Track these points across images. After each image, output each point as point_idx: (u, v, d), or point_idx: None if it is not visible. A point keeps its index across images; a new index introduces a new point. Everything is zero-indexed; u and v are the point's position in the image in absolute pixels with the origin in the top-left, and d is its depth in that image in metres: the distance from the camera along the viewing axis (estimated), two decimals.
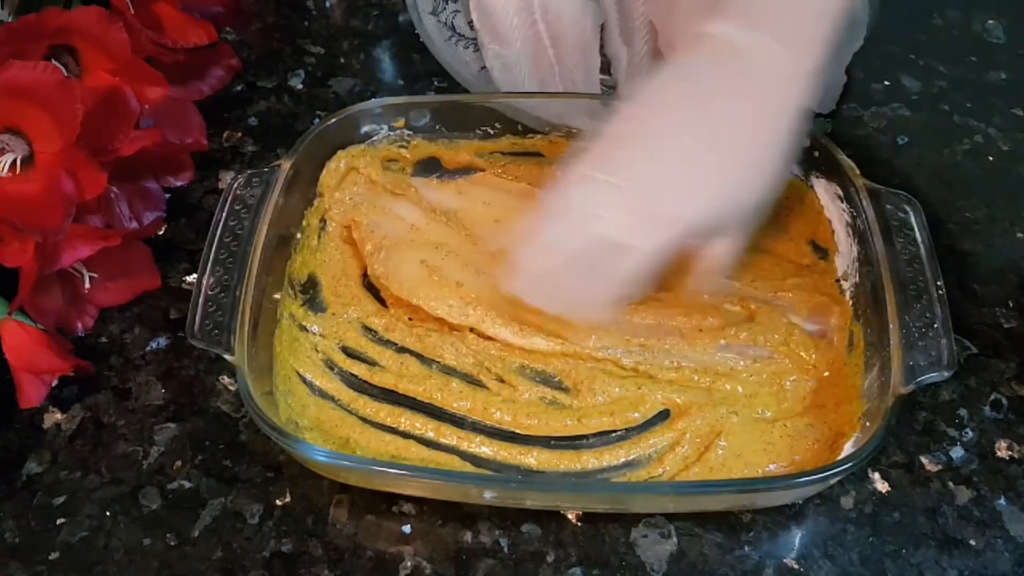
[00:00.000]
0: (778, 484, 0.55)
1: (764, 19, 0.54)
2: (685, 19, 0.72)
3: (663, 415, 0.59)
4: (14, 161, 0.60)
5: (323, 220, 0.67)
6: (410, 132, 0.69)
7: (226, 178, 0.73)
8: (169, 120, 0.69)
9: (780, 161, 0.55)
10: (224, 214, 0.60)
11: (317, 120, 0.75)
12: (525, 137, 0.69)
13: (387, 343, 0.63)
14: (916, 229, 0.59)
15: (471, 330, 0.62)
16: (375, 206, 0.67)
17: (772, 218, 0.67)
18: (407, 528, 0.56)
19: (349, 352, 0.63)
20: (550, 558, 0.55)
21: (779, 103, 0.54)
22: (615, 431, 0.59)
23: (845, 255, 0.62)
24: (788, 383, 0.59)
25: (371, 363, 0.62)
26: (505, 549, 0.55)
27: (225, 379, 0.62)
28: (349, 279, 0.66)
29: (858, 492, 0.57)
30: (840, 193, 0.63)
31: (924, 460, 0.58)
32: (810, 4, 0.54)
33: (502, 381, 0.61)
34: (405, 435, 0.58)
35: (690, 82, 0.55)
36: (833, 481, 0.55)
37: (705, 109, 0.55)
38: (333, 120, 0.66)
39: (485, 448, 0.58)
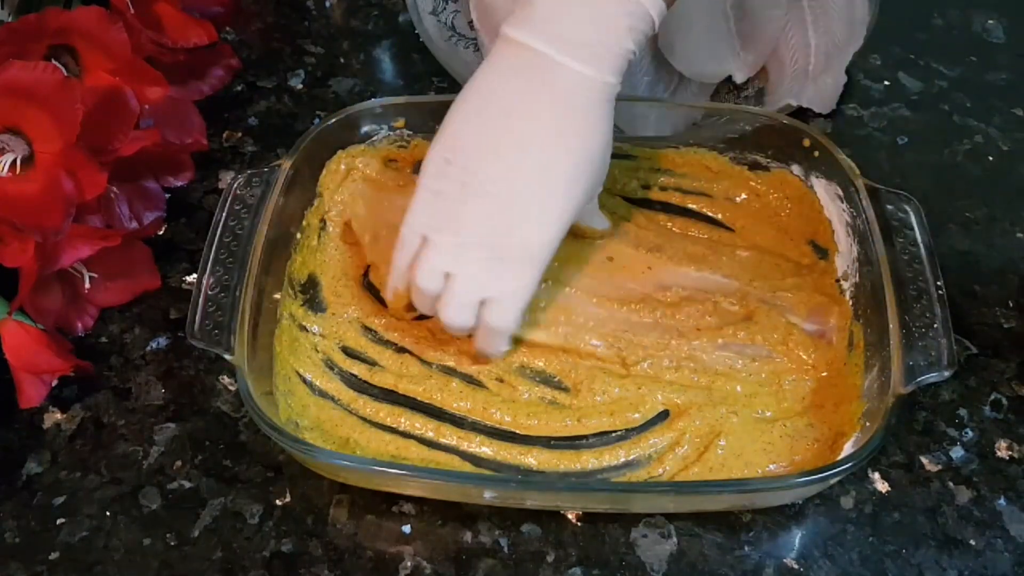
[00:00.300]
0: (778, 484, 0.55)
1: (557, 32, 0.54)
2: (684, 20, 0.72)
3: (663, 415, 0.59)
4: (14, 161, 0.60)
5: (323, 220, 0.67)
6: (410, 132, 0.69)
7: (226, 178, 0.73)
8: (169, 120, 0.69)
9: (596, 160, 0.56)
10: (224, 214, 0.60)
11: (317, 120, 0.75)
12: None
13: (387, 343, 0.63)
14: (916, 229, 0.59)
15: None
16: (374, 199, 0.67)
17: (772, 218, 0.68)
18: (407, 528, 0.56)
19: (349, 352, 0.63)
20: (550, 558, 0.55)
21: (585, 107, 0.55)
22: (615, 431, 0.59)
23: (845, 255, 0.62)
24: (787, 383, 0.59)
25: (371, 363, 0.62)
26: (505, 549, 0.55)
27: (225, 379, 0.62)
28: (349, 279, 0.66)
29: (858, 492, 0.57)
30: (840, 193, 0.63)
31: (924, 460, 0.58)
32: (604, 14, 0.54)
33: (502, 381, 0.61)
34: (405, 435, 0.58)
35: (489, 108, 0.56)
36: (833, 481, 0.55)
37: (512, 142, 0.55)
38: (333, 120, 0.66)
39: (485, 448, 0.58)
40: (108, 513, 0.57)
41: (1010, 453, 0.59)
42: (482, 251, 0.56)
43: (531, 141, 0.55)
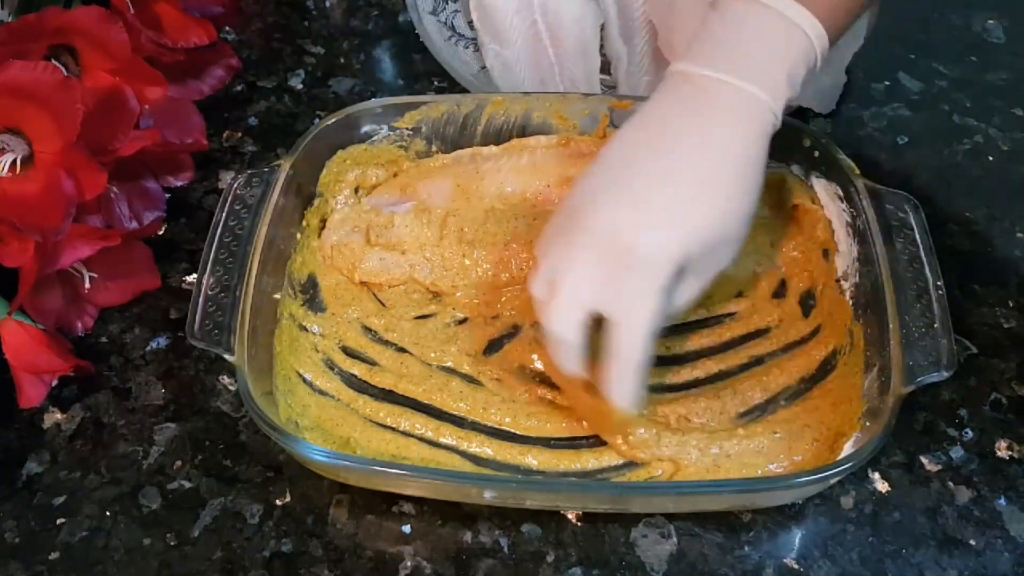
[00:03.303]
0: (778, 484, 0.55)
1: (730, 60, 0.53)
2: (684, 19, 0.72)
3: None
4: (14, 161, 0.60)
5: (323, 220, 0.67)
6: (410, 132, 0.68)
7: (226, 178, 0.73)
8: (169, 120, 0.69)
9: (745, 193, 0.53)
10: (224, 214, 0.60)
11: (317, 120, 0.75)
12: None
13: (387, 343, 0.63)
14: (916, 229, 0.59)
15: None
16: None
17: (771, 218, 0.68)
18: (407, 528, 0.56)
19: (349, 352, 0.63)
20: (550, 558, 0.55)
21: (745, 139, 0.53)
22: None
23: (845, 255, 0.62)
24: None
25: (371, 363, 0.62)
26: (505, 549, 0.55)
27: (225, 379, 0.62)
28: (349, 279, 0.66)
29: (858, 492, 0.57)
30: (840, 193, 0.63)
31: (924, 460, 0.58)
32: (772, 45, 0.53)
33: (501, 381, 0.61)
34: (405, 435, 0.58)
35: (648, 125, 0.54)
36: (833, 481, 0.55)
37: (672, 151, 0.52)
38: (333, 120, 0.66)
39: (485, 448, 0.58)
40: (108, 513, 0.57)
41: (1010, 453, 0.59)
42: (595, 251, 0.51)
43: (696, 145, 0.52)
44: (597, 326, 0.52)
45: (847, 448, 0.54)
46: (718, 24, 0.54)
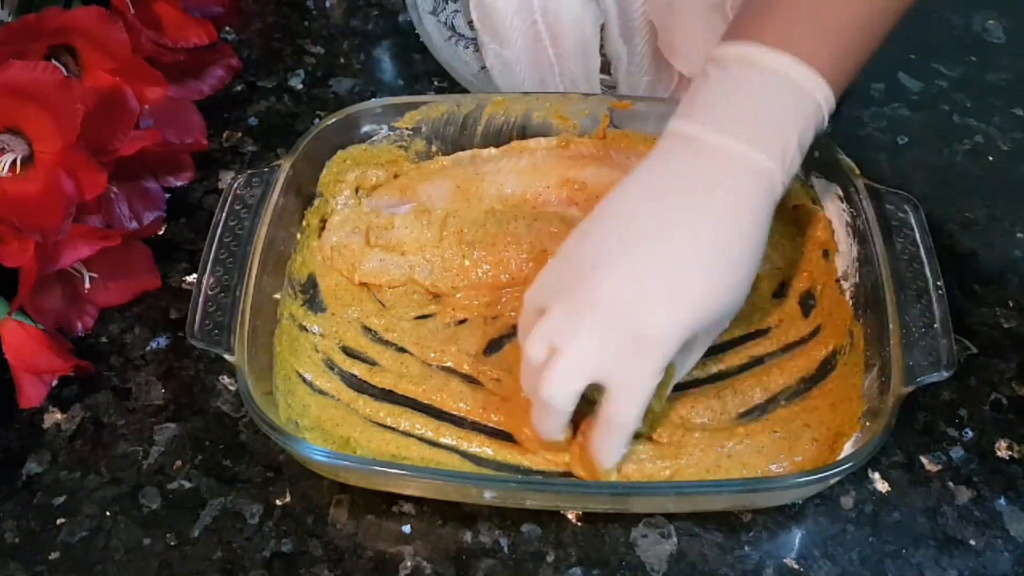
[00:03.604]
0: (778, 484, 0.55)
1: (735, 124, 0.51)
2: (684, 19, 0.72)
3: None
4: (14, 161, 0.60)
5: (323, 220, 0.67)
6: (410, 132, 0.68)
7: (226, 178, 0.73)
8: (169, 120, 0.69)
9: (752, 263, 0.52)
10: (224, 214, 0.60)
11: (317, 120, 0.75)
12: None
13: (387, 343, 0.63)
14: (916, 229, 0.59)
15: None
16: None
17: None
18: (407, 528, 0.56)
19: (349, 352, 0.63)
20: (550, 558, 0.55)
21: (752, 209, 0.51)
22: None
23: (845, 255, 0.62)
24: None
25: (371, 363, 0.62)
26: (505, 549, 0.55)
27: (225, 379, 0.62)
28: (349, 280, 0.66)
29: (858, 492, 0.57)
30: (840, 193, 0.63)
31: (924, 460, 0.58)
32: (780, 111, 0.52)
33: (501, 381, 0.61)
34: (405, 435, 0.58)
35: (654, 190, 0.52)
36: (833, 481, 0.55)
37: (677, 221, 0.51)
38: (333, 120, 0.66)
39: (485, 448, 0.58)
40: (108, 513, 0.57)
41: (1010, 453, 0.59)
42: (602, 324, 0.50)
43: (704, 218, 0.51)
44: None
45: (847, 448, 0.54)
46: (721, 84, 0.52)
